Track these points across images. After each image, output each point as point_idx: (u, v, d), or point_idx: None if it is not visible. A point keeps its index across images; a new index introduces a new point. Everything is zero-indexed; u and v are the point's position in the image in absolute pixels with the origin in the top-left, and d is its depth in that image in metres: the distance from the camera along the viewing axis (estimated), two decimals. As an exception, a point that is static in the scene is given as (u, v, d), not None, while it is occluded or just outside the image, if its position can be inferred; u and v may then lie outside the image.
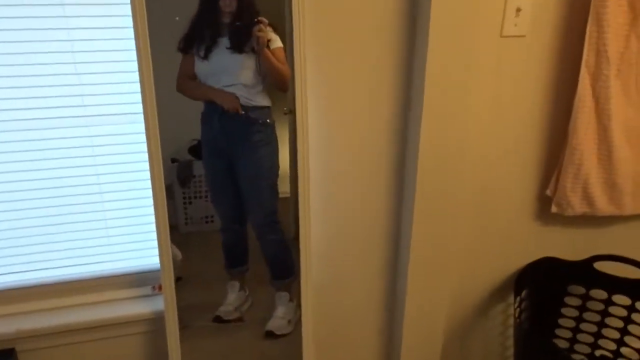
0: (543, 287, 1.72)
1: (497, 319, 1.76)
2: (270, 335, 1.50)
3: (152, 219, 1.27)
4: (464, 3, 1.26)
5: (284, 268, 1.48)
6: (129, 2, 1.11)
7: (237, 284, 1.51)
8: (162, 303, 1.34)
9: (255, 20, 1.23)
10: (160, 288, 1.37)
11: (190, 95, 1.32)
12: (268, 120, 1.36)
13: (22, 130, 1.27)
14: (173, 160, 1.40)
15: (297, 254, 1.39)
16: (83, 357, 1.43)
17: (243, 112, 1.31)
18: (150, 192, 1.24)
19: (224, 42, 1.26)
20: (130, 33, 1.13)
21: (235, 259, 1.51)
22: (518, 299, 1.61)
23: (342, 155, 1.42)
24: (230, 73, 1.29)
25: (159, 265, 1.30)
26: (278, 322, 1.50)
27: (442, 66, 1.30)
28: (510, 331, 1.81)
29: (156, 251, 1.29)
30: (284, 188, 1.44)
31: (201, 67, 1.28)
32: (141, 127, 1.20)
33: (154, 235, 1.28)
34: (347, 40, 1.31)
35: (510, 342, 1.82)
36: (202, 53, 1.26)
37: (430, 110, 1.34)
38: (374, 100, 1.38)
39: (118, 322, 1.40)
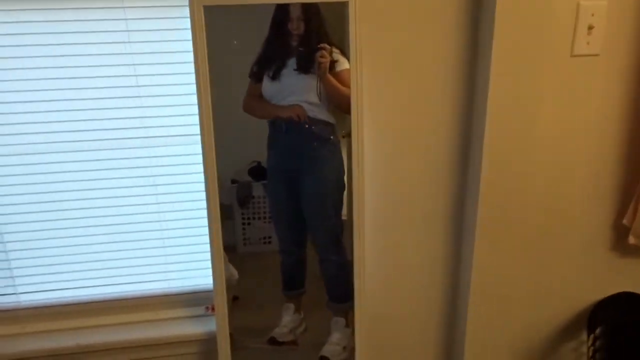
0: (620, 325, 1.59)
1: (567, 357, 1.64)
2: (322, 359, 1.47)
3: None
4: (531, 21, 1.22)
5: (343, 291, 1.45)
6: (189, 27, 1.13)
7: (292, 307, 1.50)
8: (215, 324, 1.34)
9: (319, 46, 1.26)
10: (213, 309, 1.37)
11: (257, 113, 1.35)
12: (332, 137, 1.36)
13: (87, 150, 1.32)
14: (233, 182, 1.43)
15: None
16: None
17: (307, 125, 1.33)
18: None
19: (292, 63, 1.30)
20: (191, 57, 1.16)
21: (293, 282, 1.51)
22: (592, 337, 1.50)
23: (399, 182, 1.39)
24: (296, 92, 1.32)
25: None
26: (333, 348, 1.48)
27: (506, 90, 1.26)
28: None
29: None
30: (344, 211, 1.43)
31: (269, 87, 1.32)
32: (199, 148, 1.22)
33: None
34: (406, 65, 1.29)
35: (583, 383, 1.70)
36: (271, 74, 1.30)
37: (493, 136, 1.29)
38: (433, 128, 1.35)
39: (172, 342, 1.42)
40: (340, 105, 1.30)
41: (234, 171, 1.43)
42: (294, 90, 1.32)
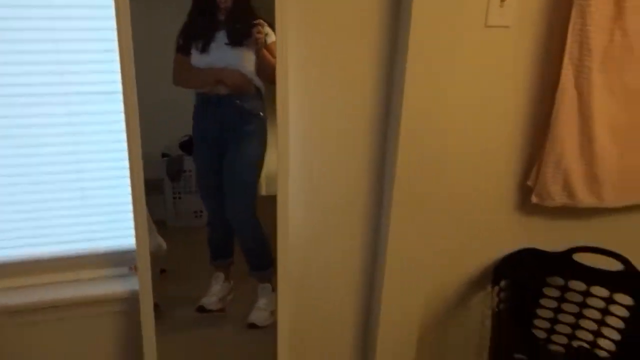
0: (522, 278, 1.73)
1: (475, 309, 1.77)
2: (252, 326, 1.52)
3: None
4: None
5: (263, 259, 1.50)
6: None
7: (221, 276, 1.52)
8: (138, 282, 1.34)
9: (254, 22, 1.27)
10: (136, 269, 1.37)
11: (191, 84, 1.34)
12: (261, 114, 1.38)
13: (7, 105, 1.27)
14: (164, 155, 1.41)
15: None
16: (60, 334, 1.43)
17: (239, 100, 1.34)
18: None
19: (222, 37, 1.30)
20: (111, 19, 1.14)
21: (220, 251, 1.52)
22: (496, 289, 1.62)
23: (322, 153, 1.42)
24: (228, 66, 1.32)
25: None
26: (260, 313, 1.52)
27: (424, 57, 1.31)
28: (489, 321, 1.82)
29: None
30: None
31: (199, 60, 1.31)
32: (119, 105, 1.20)
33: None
34: (328, 34, 1.32)
35: (488, 332, 1.84)
36: (199, 47, 1.30)
37: (411, 102, 1.34)
38: (355, 96, 1.39)
39: (96, 300, 1.40)
40: (270, 76, 1.31)
41: (165, 145, 1.41)
42: (226, 64, 1.32)
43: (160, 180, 1.43)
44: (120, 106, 1.20)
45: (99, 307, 1.42)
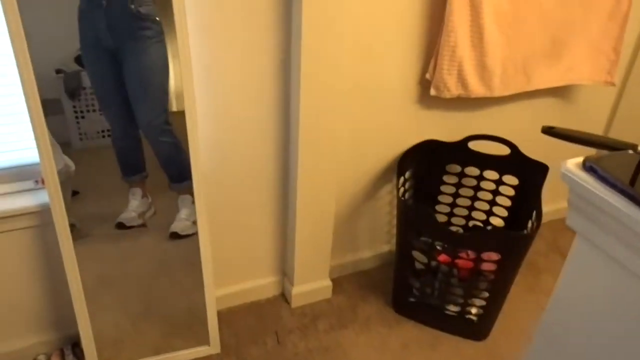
0: (424, 168, 1.87)
1: (384, 199, 1.90)
2: (175, 236, 1.53)
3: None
4: None
5: (182, 170, 1.46)
6: None
7: (138, 191, 1.50)
8: (47, 196, 1.30)
9: None
10: (43, 182, 1.32)
11: None
12: (158, 18, 1.30)
13: None
14: (58, 72, 1.31)
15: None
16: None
17: (133, 5, 1.25)
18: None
19: None
20: None
21: (133, 166, 1.48)
22: (402, 179, 1.75)
23: (226, 54, 1.40)
24: None
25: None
26: (182, 223, 1.53)
27: None
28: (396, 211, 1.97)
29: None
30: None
31: None
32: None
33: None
34: None
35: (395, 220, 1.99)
36: None
37: (310, 5, 1.33)
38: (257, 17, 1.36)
39: (5, 216, 1.35)
40: None
41: (59, 60, 1.30)
42: None
43: (58, 100, 1.33)
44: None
45: (10, 223, 1.36)
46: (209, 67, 1.39)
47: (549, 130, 1.05)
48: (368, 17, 1.52)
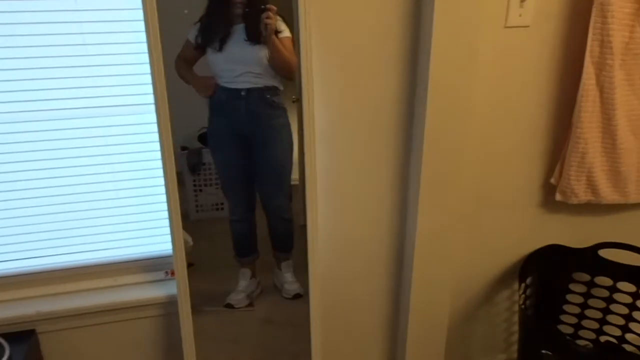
0: (548, 275, 1.74)
1: (502, 305, 1.79)
2: (297, 296, 1.55)
3: (165, 205, 1.31)
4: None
5: (289, 242, 1.54)
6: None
7: (248, 272, 1.55)
8: (175, 287, 1.39)
9: (263, 7, 1.26)
10: (173, 273, 1.42)
11: (180, 75, 1.34)
12: (284, 106, 1.39)
13: (40, 120, 1.32)
14: (183, 148, 1.43)
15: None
16: (100, 338, 1.49)
17: (265, 92, 1.35)
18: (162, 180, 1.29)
19: (239, 33, 1.30)
20: (141, 26, 1.17)
21: (247, 248, 1.55)
22: (523, 285, 1.64)
23: (348, 145, 1.45)
24: (246, 62, 1.32)
25: (171, 250, 1.35)
26: (294, 285, 1.55)
27: (446, 59, 1.32)
28: (515, 317, 1.84)
29: (169, 237, 1.34)
30: (294, 175, 1.47)
31: (215, 59, 1.32)
32: (152, 117, 1.25)
33: (167, 222, 1.32)
34: (352, 32, 1.33)
35: (515, 328, 1.85)
36: (216, 46, 1.30)
37: (434, 104, 1.36)
38: (379, 92, 1.41)
39: (133, 306, 1.45)
40: (284, 70, 1.32)
41: (183, 138, 1.42)
42: (244, 61, 1.32)
43: (180, 174, 1.42)
44: (149, 118, 1.23)
45: (137, 312, 1.47)
46: (328, 170, 1.44)
47: None
48: (491, 117, 1.52)
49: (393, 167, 1.50)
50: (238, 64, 1.33)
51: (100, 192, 1.42)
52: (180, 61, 1.33)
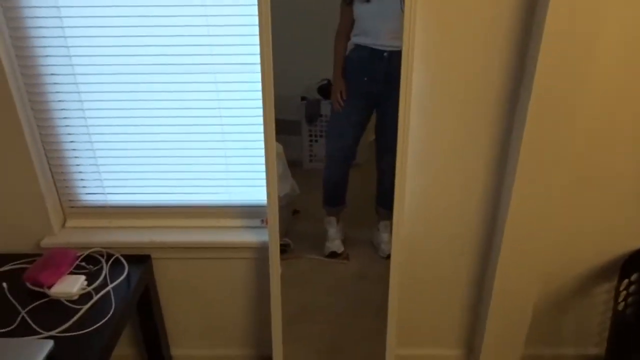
0: (657, 274, 1.60)
1: (598, 297, 1.69)
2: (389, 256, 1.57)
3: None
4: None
5: (391, 199, 1.51)
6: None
7: (334, 220, 1.62)
8: (267, 235, 1.50)
9: None
10: (267, 222, 1.53)
11: (335, 49, 1.40)
12: None
13: (160, 73, 1.46)
14: (302, 99, 1.48)
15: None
16: (201, 271, 1.68)
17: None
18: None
19: None
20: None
21: (338, 198, 1.61)
22: (625, 282, 1.54)
23: (446, 117, 1.42)
24: (393, 16, 1.31)
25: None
26: (388, 246, 1.56)
27: (562, 15, 1.20)
28: (610, 314, 1.73)
29: (266, 188, 1.44)
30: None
31: (362, 9, 1.35)
32: (259, 74, 1.32)
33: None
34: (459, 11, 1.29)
35: (608, 324, 1.74)
36: None
37: (544, 71, 1.27)
38: (484, 67, 1.35)
39: (230, 247, 1.61)
40: None
41: (304, 88, 1.47)
42: (388, 18, 1.33)
43: (298, 123, 1.50)
44: (254, 77, 1.29)
45: (233, 252, 1.62)
46: (422, 138, 1.44)
47: None
48: (606, 102, 1.39)
49: (490, 142, 1.45)
50: (383, 21, 1.35)
51: (211, 142, 1.55)
52: (339, 35, 1.37)
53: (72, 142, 1.55)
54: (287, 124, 1.36)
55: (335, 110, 1.47)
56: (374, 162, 1.55)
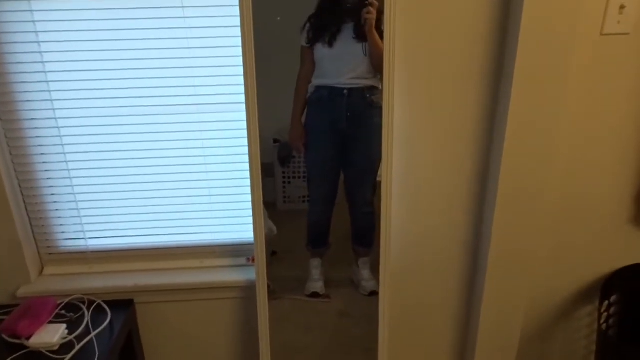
0: (634, 294, 1.65)
1: (582, 321, 1.72)
2: (373, 294, 1.56)
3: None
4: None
5: (370, 238, 1.53)
6: (237, 4, 1.25)
7: (318, 261, 1.61)
8: (254, 273, 1.49)
9: (366, 2, 1.29)
10: (253, 260, 1.52)
11: (296, 91, 1.42)
12: (381, 105, 1.40)
13: (146, 115, 1.46)
14: (275, 141, 1.49)
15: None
16: (187, 313, 1.64)
17: (368, 95, 1.39)
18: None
19: (348, 31, 1.34)
20: (238, 32, 1.27)
21: (321, 238, 1.60)
22: (606, 303, 1.57)
23: (426, 149, 1.46)
24: (354, 59, 1.36)
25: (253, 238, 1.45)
26: (371, 282, 1.57)
27: (533, 64, 1.30)
28: (595, 336, 1.76)
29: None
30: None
31: (324, 53, 1.37)
32: (243, 114, 1.34)
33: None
34: (435, 36, 1.35)
35: (594, 346, 1.77)
36: (326, 40, 1.35)
37: (518, 106, 1.33)
38: (460, 98, 1.41)
39: (216, 287, 1.58)
40: (380, 66, 1.32)
41: (276, 131, 1.48)
42: (352, 57, 1.36)
43: (271, 165, 1.50)
44: (238, 115, 1.31)
45: (219, 292, 1.60)
46: (405, 170, 1.47)
47: None
48: (581, 127, 1.46)
49: (470, 173, 1.49)
50: (344, 63, 1.37)
51: (195, 182, 1.55)
52: (301, 79, 1.40)
53: (51, 187, 1.52)
54: (262, 167, 1.38)
55: (298, 154, 1.49)
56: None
